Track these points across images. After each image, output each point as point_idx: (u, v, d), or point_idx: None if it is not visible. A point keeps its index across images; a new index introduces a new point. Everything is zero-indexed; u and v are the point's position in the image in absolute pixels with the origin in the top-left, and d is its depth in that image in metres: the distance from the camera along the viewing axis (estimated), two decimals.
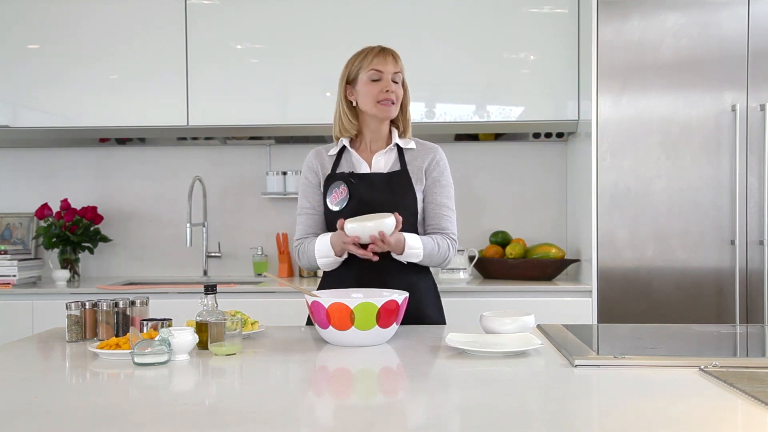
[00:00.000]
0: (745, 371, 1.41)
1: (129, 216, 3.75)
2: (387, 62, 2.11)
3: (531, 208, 3.65)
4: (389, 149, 2.18)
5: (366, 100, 2.12)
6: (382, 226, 1.95)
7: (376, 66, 2.11)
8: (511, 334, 1.76)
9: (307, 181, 2.20)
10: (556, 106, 3.33)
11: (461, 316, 2.46)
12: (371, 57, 2.12)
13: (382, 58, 2.12)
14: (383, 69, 2.11)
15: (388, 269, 2.10)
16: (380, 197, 2.10)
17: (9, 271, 3.30)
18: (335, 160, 2.19)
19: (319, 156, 2.22)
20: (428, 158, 2.18)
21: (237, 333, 1.68)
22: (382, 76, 2.11)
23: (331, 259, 2.09)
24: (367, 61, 2.12)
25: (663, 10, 3.02)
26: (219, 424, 1.15)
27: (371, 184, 2.12)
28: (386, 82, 2.11)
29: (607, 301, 3.03)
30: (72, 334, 1.87)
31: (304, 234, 2.18)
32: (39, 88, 3.43)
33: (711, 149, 3.01)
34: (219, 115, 3.39)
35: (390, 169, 2.16)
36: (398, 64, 2.14)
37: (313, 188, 2.19)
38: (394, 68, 2.12)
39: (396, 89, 2.12)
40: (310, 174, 2.20)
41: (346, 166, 2.18)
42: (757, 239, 2.99)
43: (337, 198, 2.12)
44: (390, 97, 2.11)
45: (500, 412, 1.21)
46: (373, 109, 2.12)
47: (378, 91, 2.10)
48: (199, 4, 3.40)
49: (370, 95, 2.11)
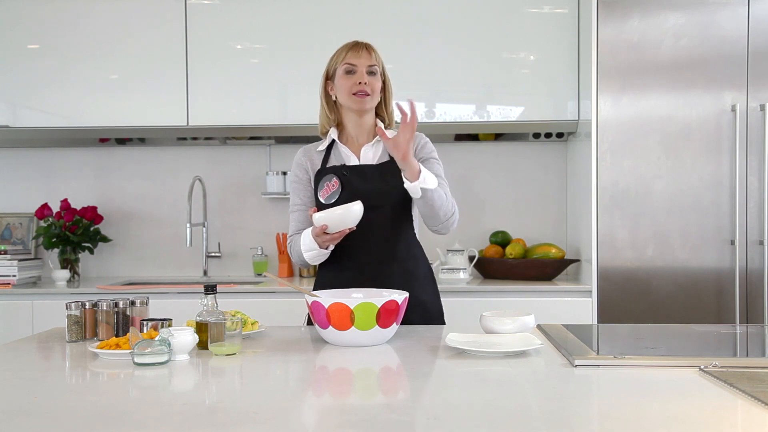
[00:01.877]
0: (745, 371, 1.41)
1: (129, 216, 3.75)
2: (360, 56, 2.16)
3: (531, 208, 3.65)
4: (376, 141, 2.22)
5: (341, 93, 2.17)
6: (350, 212, 1.96)
7: (349, 60, 2.16)
8: (511, 334, 1.76)
9: (297, 178, 2.23)
10: (556, 106, 3.33)
11: (461, 316, 2.46)
12: (345, 51, 2.18)
13: (355, 51, 2.17)
14: (356, 62, 2.15)
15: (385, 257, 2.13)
16: (372, 187, 2.12)
17: (9, 271, 3.30)
18: (324, 155, 2.22)
19: (307, 153, 2.25)
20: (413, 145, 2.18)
21: (237, 333, 1.68)
22: (356, 69, 2.15)
23: (315, 252, 2.09)
24: (342, 56, 2.17)
25: (663, 10, 3.02)
26: (219, 424, 1.15)
27: (362, 175, 2.15)
28: (359, 75, 2.15)
29: (607, 301, 3.03)
30: (72, 334, 1.87)
31: (296, 231, 2.20)
32: (39, 88, 3.43)
33: (711, 149, 3.01)
34: (219, 115, 3.39)
35: (379, 160, 2.19)
36: (372, 56, 2.18)
37: (303, 185, 2.22)
38: (367, 61, 2.16)
39: (371, 81, 2.15)
40: (300, 171, 2.23)
41: (336, 159, 2.21)
42: (757, 239, 2.99)
43: (330, 191, 2.14)
44: (363, 89, 2.14)
45: (500, 411, 1.21)
46: (348, 101, 2.16)
47: (352, 84, 2.14)
48: (199, 4, 3.40)
49: (345, 88, 2.16)
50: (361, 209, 1.99)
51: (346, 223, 1.98)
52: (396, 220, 2.15)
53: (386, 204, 2.12)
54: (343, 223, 1.97)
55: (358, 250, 2.12)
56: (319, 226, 1.98)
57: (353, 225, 2.00)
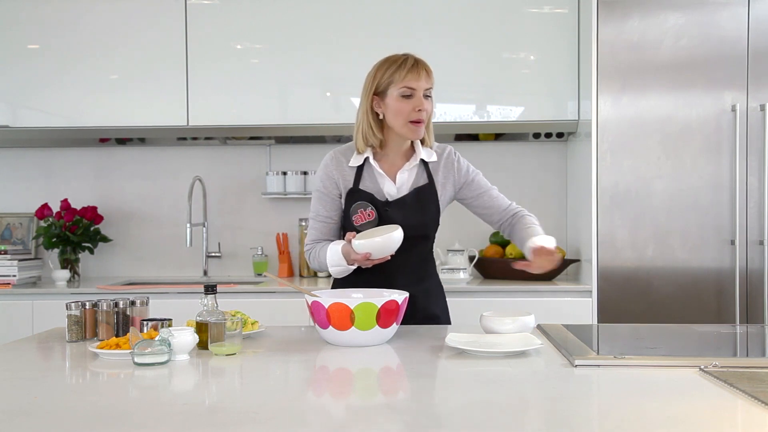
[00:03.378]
0: (745, 371, 1.41)
1: (129, 216, 3.75)
2: (420, 78, 1.98)
3: (531, 208, 3.60)
4: (414, 165, 2.09)
5: (396, 118, 2.00)
6: (391, 241, 1.91)
7: (409, 83, 1.97)
8: (511, 334, 1.76)
9: (325, 190, 2.09)
10: (556, 106, 3.33)
11: (461, 316, 2.46)
12: (404, 71, 1.98)
13: (415, 73, 1.98)
14: (416, 86, 1.97)
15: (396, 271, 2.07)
16: (410, 221, 2.02)
17: (9, 271, 3.29)
18: (357, 171, 2.08)
19: (338, 165, 2.09)
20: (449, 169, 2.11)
21: (237, 333, 1.68)
22: (415, 93, 1.98)
23: (342, 268, 2.03)
24: (400, 75, 1.98)
25: (663, 10, 3.02)
26: (219, 424, 1.15)
27: (401, 208, 2.06)
28: (419, 100, 1.98)
29: (607, 301, 3.02)
30: (72, 334, 1.87)
31: (316, 239, 2.12)
32: (39, 88, 3.43)
33: (711, 149, 3.01)
34: (219, 115, 3.39)
35: (413, 185, 2.09)
36: (431, 79, 2.02)
37: (331, 198, 2.09)
38: (426, 84, 2.00)
39: (427, 106, 2.01)
40: (329, 183, 2.08)
41: (369, 179, 2.07)
42: (757, 239, 2.98)
43: (364, 219, 2.03)
44: (422, 117, 1.99)
45: (500, 411, 1.21)
46: (403, 129, 2.01)
47: (410, 110, 1.98)
48: (199, 4, 3.39)
49: (402, 114, 1.99)
50: (401, 236, 1.92)
51: (386, 251, 1.93)
52: (425, 246, 2.13)
53: (420, 234, 2.06)
54: (384, 251, 1.93)
55: (385, 269, 2.04)
56: (362, 253, 1.90)
57: (393, 252, 1.95)
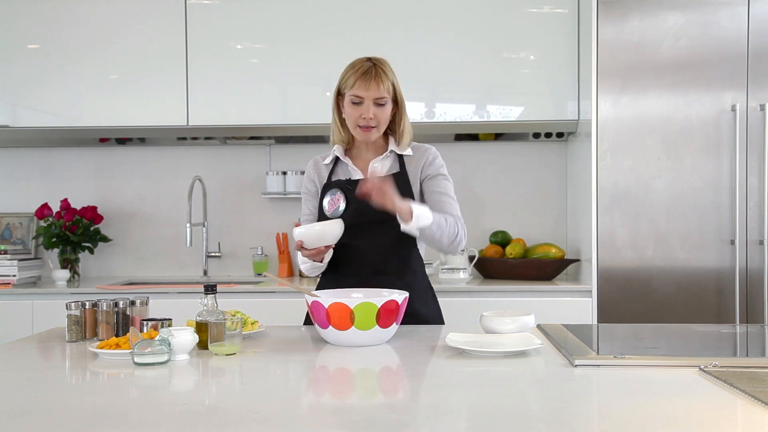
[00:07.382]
0: (745, 371, 1.41)
1: (129, 216, 3.75)
2: (369, 88, 2.03)
3: (531, 208, 3.65)
4: (385, 156, 2.17)
5: (348, 120, 2.11)
6: (328, 229, 1.95)
7: (356, 91, 2.05)
8: (511, 334, 1.76)
9: (306, 189, 2.24)
10: (556, 106, 3.33)
11: (461, 316, 2.46)
12: (353, 79, 2.05)
13: (364, 82, 2.04)
14: (364, 96, 2.04)
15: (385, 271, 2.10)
16: None
17: (9, 271, 3.29)
18: (331, 168, 2.20)
19: (316, 165, 2.24)
20: (422, 160, 2.16)
21: (237, 333, 1.68)
22: (363, 101, 2.05)
23: (309, 264, 2.11)
24: (350, 83, 2.06)
25: (663, 10, 3.02)
26: (219, 424, 1.15)
27: None
28: (365, 109, 2.05)
29: (607, 301, 3.02)
30: (72, 334, 1.87)
31: None
32: (39, 88, 3.43)
33: (711, 149, 3.01)
34: (219, 115, 3.39)
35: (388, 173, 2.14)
36: (381, 88, 2.04)
37: (312, 196, 2.23)
38: (375, 93, 2.04)
39: (377, 113, 2.06)
40: (309, 183, 2.23)
41: (342, 173, 2.18)
42: (757, 239, 2.98)
43: (334, 205, 2.12)
44: (368, 124, 2.07)
45: (500, 411, 1.21)
46: (354, 131, 2.11)
47: (357, 116, 2.07)
48: (199, 3, 3.39)
49: (351, 117, 2.09)
50: (341, 228, 1.97)
51: (323, 240, 1.96)
52: (399, 233, 2.10)
53: (391, 218, 2.02)
54: (321, 240, 1.96)
55: (357, 262, 2.10)
56: (297, 241, 1.96)
57: (332, 243, 1.98)
